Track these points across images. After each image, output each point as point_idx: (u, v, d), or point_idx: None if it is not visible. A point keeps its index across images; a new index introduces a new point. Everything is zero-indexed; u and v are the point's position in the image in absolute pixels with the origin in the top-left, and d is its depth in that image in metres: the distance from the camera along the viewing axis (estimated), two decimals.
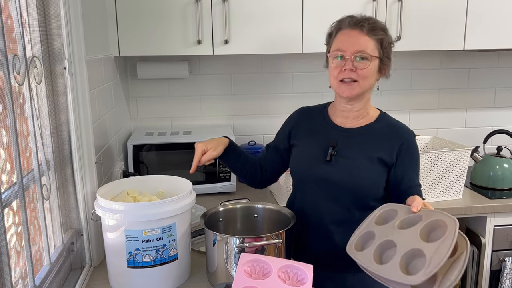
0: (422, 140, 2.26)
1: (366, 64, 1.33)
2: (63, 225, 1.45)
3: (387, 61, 1.39)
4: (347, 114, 1.43)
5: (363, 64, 1.33)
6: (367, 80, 1.35)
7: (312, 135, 1.48)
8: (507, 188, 2.15)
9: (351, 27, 1.35)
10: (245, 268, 1.17)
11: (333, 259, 1.39)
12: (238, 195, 2.16)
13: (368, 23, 1.34)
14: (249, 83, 2.49)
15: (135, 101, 2.44)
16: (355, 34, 1.34)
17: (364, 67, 1.33)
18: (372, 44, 1.34)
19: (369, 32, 1.33)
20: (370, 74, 1.35)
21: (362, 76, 1.34)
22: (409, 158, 1.39)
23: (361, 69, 1.33)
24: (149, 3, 1.97)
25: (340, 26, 1.39)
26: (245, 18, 2.02)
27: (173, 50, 2.02)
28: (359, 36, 1.34)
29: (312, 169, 1.42)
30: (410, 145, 1.40)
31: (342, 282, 1.42)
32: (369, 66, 1.34)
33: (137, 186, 1.51)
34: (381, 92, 2.59)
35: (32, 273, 1.13)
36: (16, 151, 1.06)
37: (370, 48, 1.33)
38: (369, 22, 1.34)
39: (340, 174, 1.37)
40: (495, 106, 2.69)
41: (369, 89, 1.40)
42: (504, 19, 2.17)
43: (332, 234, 1.40)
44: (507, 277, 2.05)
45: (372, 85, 1.40)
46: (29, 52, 1.29)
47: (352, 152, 1.38)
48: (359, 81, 1.35)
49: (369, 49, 1.33)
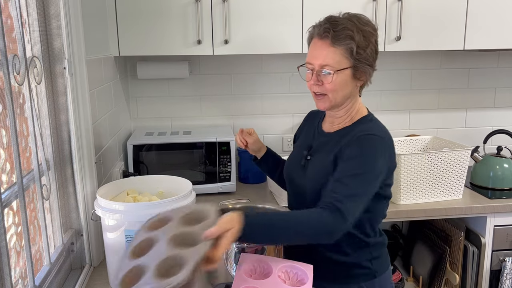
0: (422, 140, 2.26)
1: (329, 79, 1.26)
2: (63, 225, 1.45)
3: (365, 67, 1.28)
4: (332, 120, 1.40)
5: (327, 78, 1.26)
6: (336, 92, 1.28)
7: (304, 139, 1.50)
8: (507, 188, 2.15)
9: (318, 37, 1.28)
10: (245, 268, 1.17)
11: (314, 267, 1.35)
12: (238, 195, 2.16)
13: (333, 31, 1.24)
14: (249, 83, 2.49)
15: (135, 101, 2.44)
16: (320, 46, 1.27)
17: (327, 82, 1.27)
18: (338, 55, 1.25)
19: (333, 42, 1.24)
20: (339, 87, 1.27)
21: (329, 90, 1.28)
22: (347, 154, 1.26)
23: (327, 84, 1.27)
24: (149, 3, 1.97)
25: (312, 34, 1.32)
26: (245, 18, 2.02)
27: (173, 50, 2.02)
28: (323, 48, 1.26)
29: (290, 172, 1.46)
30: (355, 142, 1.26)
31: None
32: (334, 80, 1.26)
33: (137, 186, 1.51)
34: (381, 92, 2.61)
35: (32, 273, 1.13)
36: (16, 151, 1.06)
37: (335, 60, 1.25)
38: (334, 29, 1.24)
39: (307, 178, 1.36)
40: (495, 106, 2.69)
41: (348, 98, 1.32)
42: (504, 19, 2.17)
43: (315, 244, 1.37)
44: (507, 277, 2.05)
45: (347, 94, 1.31)
46: (29, 52, 1.29)
47: (321, 156, 1.35)
48: (328, 95, 1.29)
49: (334, 62, 1.25)
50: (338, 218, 1.16)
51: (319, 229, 1.15)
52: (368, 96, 2.56)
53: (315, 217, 1.16)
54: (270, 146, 2.50)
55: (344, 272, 1.36)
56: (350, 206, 1.18)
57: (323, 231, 1.15)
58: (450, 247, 2.13)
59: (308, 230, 1.15)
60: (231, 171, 2.18)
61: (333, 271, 1.36)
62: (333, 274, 1.36)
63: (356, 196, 1.20)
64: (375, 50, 1.31)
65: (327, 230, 1.15)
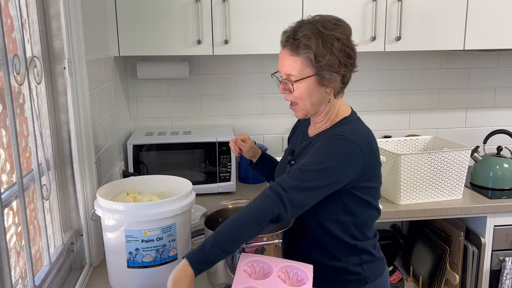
0: (422, 140, 2.26)
1: (295, 87, 1.25)
2: (63, 225, 1.45)
3: (329, 73, 1.23)
4: (314, 124, 1.39)
5: (292, 87, 1.26)
6: (303, 100, 1.27)
7: (290, 145, 1.51)
8: (507, 188, 2.15)
9: (281, 45, 1.28)
10: (245, 268, 1.17)
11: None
12: (238, 195, 2.16)
13: (292, 39, 1.23)
14: (249, 83, 2.49)
15: (135, 101, 2.44)
16: (283, 55, 1.27)
17: (290, 92, 1.27)
18: (299, 64, 1.23)
19: (292, 51, 1.23)
20: (306, 95, 1.26)
21: (296, 98, 1.27)
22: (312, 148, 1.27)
23: (293, 92, 1.26)
24: (149, 3, 1.97)
25: (280, 42, 1.31)
26: (245, 18, 2.02)
27: (173, 50, 2.02)
28: (285, 57, 1.26)
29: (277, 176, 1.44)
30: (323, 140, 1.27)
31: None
32: (300, 89, 1.25)
33: (137, 186, 1.51)
34: (381, 92, 2.61)
35: (32, 273, 1.13)
36: (16, 151, 1.06)
37: (297, 69, 1.23)
38: (294, 37, 1.23)
39: None
40: (495, 106, 2.69)
41: (318, 105, 1.29)
42: (504, 19, 2.17)
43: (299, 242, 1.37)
44: (507, 277, 2.05)
45: (320, 100, 1.28)
46: (29, 52, 1.29)
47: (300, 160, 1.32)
48: (298, 102, 1.28)
49: (295, 71, 1.24)
50: (278, 204, 1.16)
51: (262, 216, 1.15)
52: (368, 96, 2.57)
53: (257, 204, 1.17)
54: (270, 146, 2.53)
55: (333, 278, 1.33)
56: (293, 195, 1.17)
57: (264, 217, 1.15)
58: (450, 247, 2.13)
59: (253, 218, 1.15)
60: (231, 171, 2.18)
61: (322, 276, 1.31)
62: (323, 279, 1.32)
63: (302, 188, 1.18)
64: (346, 54, 1.24)
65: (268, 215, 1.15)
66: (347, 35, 1.26)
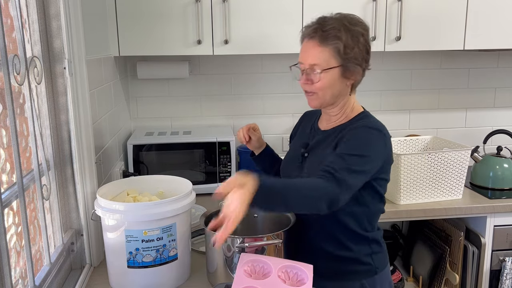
0: (422, 140, 2.26)
1: (317, 78, 1.29)
2: (63, 225, 1.45)
3: (353, 66, 1.29)
4: (328, 118, 1.42)
5: (316, 77, 1.30)
6: (324, 91, 1.31)
7: (299, 138, 1.52)
8: (507, 188, 2.15)
9: (307, 37, 1.31)
10: (245, 268, 1.17)
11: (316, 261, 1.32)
12: None
13: (321, 31, 1.27)
14: (249, 83, 2.49)
15: (135, 101, 2.44)
16: (310, 46, 1.30)
17: (316, 81, 1.30)
18: (327, 54, 1.27)
19: (321, 42, 1.27)
20: (328, 85, 1.30)
21: (318, 89, 1.31)
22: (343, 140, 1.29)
23: (316, 82, 1.30)
24: (149, 3, 1.97)
25: (303, 35, 1.34)
26: (245, 18, 2.02)
27: (173, 50, 2.02)
28: (312, 47, 1.29)
29: (288, 170, 1.46)
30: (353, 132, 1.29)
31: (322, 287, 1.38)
32: (324, 79, 1.29)
33: (137, 186, 1.51)
34: (381, 92, 2.61)
35: (32, 273, 1.13)
36: (16, 151, 1.06)
37: (324, 59, 1.28)
38: (322, 29, 1.27)
39: (305, 175, 1.37)
40: (495, 106, 2.69)
41: (338, 96, 1.34)
42: (504, 19, 2.17)
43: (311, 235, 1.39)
44: (507, 277, 2.05)
45: (339, 92, 1.33)
46: (29, 52, 1.29)
47: (318, 153, 1.38)
48: (317, 93, 1.32)
49: (322, 61, 1.28)
50: (335, 186, 1.17)
51: (320, 195, 1.16)
52: (368, 96, 2.57)
53: (316, 182, 1.17)
54: None
55: (345, 269, 1.37)
56: (346, 177, 1.19)
57: (322, 197, 1.16)
58: (450, 247, 2.13)
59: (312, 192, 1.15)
60: (231, 171, 2.18)
61: (335, 268, 1.37)
62: (334, 271, 1.37)
63: (352, 170, 1.21)
64: (366, 50, 1.32)
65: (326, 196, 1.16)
66: (368, 33, 1.34)
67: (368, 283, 1.37)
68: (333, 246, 1.37)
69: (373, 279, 1.38)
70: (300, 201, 1.16)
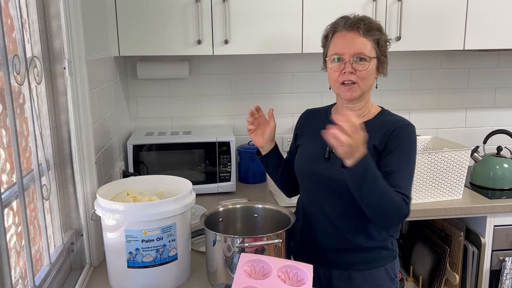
0: (422, 140, 2.26)
1: (365, 66, 1.35)
2: (63, 225, 1.45)
3: (384, 59, 1.40)
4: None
5: (362, 66, 1.34)
6: (366, 81, 1.37)
7: (314, 135, 1.49)
8: (507, 188, 2.15)
9: (347, 29, 1.36)
10: (245, 268, 1.17)
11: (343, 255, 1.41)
12: (238, 195, 2.16)
13: (364, 24, 1.34)
14: (249, 83, 2.49)
15: (135, 101, 2.44)
16: (352, 36, 1.35)
17: (363, 69, 1.35)
18: (369, 45, 1.35)
19: (365, 33, 1.34)
20: (369, 75, 1.37)
21: (361, 78, 1.35)
22: (395, 145, 1.35)
23: (360, 71, 1.34)
24: (149, 3, 1.97)
25: (336, 28, 1.39)
26: (245, 18, 2.02)
27: (173, 50, 2.02)
28: (355, 38, 1.34)
29: (312, 167, 1.44)
30: (401, 132, 1.36)
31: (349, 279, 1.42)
32: (368, 68, 1.35)
33: (137, 186, 1.51)
34: (381, 92, 2.61)
35: (32, 273, 1.13)
36: (16, 151, 1.06)
37: (368, 49, 1.35)
38: (364, 23, 1.35)
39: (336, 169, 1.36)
40: (495, 106, 2.69)
41: (369, 89, 1.41)
42: (504, 19, 2.17)
43: (339, 230, 1.41)
44: (507, 277, 2.05)
45: (372, 84, 1.41)
46: (29, 52, 1.29)
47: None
48: (359, 83, 1.36)
49: (367, 50, 1.34)
50: (406, 212, 1.29)
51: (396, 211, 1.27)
52: None
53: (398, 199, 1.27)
54: None
55: (373, 257, 1.41)
56: (410, 199, 1.32)
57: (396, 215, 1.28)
58: (450, 247, 2.13)
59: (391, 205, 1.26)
60: (231, 171, 2.18)
61: (363, 258, 1.41)
62: (362, 261, 1.41)
63: (411, 188, 1.34)
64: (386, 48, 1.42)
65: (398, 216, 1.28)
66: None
67: (390, 267, 1.43)
68: (361, 237, 1.40)
69: (393, 263, 1.44)
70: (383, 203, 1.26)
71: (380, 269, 1.41)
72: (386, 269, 1.42)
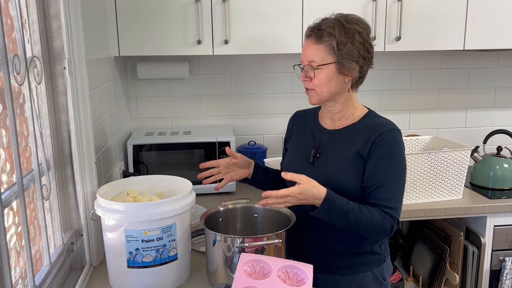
0: (422, 140, 2.26)
1: (315, 74, 1.34)
2: (63, 225, 1.45)
3: (348, 62, 1.31)
4: (332, 116, 1.44)
5: (313, 73, 1.35)
6: (322, 87, 1.35)
7: (301, 139, 1.52)
8: (507, 188, 2.15)
9: (306, 37, 1.39)
10: (245, 268, 1.17)
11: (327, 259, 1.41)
12: (238, 195, 2.16)
13: (317, 29, 1.33)
14: (249, 83, 2.49)
15: (135, 101, 2.44)
16: (307, 44, 1.37)
17: (314, 76, 1.35)
18: (322, 51, 1.32)
19: (316, 40, 1.34)
20: (325, 81, 1.34)
21: (315, 85, 1.35)
22: (378, 153, 1.32)
23: (313, 78, 1.35)
24: (149, 3, 1.97)
25: (304, 35, 1.42)
26: (245, 18, 2.02)
27: (173, 50, 2.02)
28: (309, 45, 1.36)
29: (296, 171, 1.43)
30: (386, 138, 1.33)
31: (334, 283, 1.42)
32: (319, 75, 1.34)
33: (137, 186, 1.51)
34: (382, 92, 2.61)
35: (32, 273, 1.13)
36: (16, 151, 1.06)
37: (319, 56, 1.33)
38: (318, 28, 1.33)
39: (322, 175, 1.36)
40: (495, 106, 2.69)
41: (337, 93, 1.37)
42: (504, 19, 2.17)
43: (325, 235, 1.40)
44: (507, 277, 2.05)
45: (337, 88, 1.36)
46: (29, 52, 1.29)
47: (333, 152, 1.39)
48: (315, 89, 1.36)
49: (318, 58, 1.33)
50: (392, 225, 1.31)
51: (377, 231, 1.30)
52: (368, 96, 2.57)
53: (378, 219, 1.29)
54: (270, 146, 2.53)
55: (358, 262, 1.40)
56: (399, 208, 1.34)
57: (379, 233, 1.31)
58: (450, 247, 2.13)
59: (370, 228, 1.29)
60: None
61: (347, 263, 1.41)
62: (347, 266, 1.40)
63: (400, 197, 1.35)
64: (365, 48, 1.34)
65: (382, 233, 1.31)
66: (367, 32, 1.36)
67: (378, 271, 1.42)
68: (345, 242, 1.39)
69: (381, 267, 1.43)
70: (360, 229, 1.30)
71: (366, 273, 1.40)
72: (373, 273, 1.41)
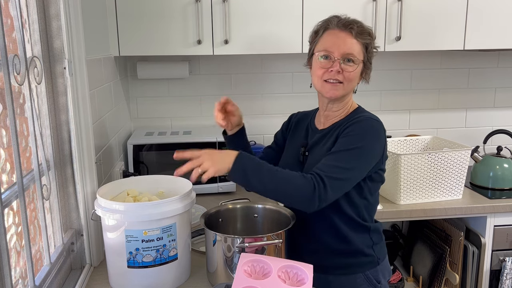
0: (422, 140, 2.26)
1: (353, 67, 1.34)
2: (63, 225, 1.45)
3: (369, 65, 1.39)
4: (328, 114, 1.44)
5: (350, 66, 1.33)
6: (351, 82, 1.36)
7: (295, 139, 1.53)
8: (507, 188, 2.15)
9: (340, 28, 1.34)
10: (245, 268, 1.17)
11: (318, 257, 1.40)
12: (238, 195, 2.16)
13: (357, 26, 1.34)
14: (249, 83, 2.49)
15: (135, 101, 2.44)
16: (344, 36, 1.33)
17: (351, 70, 1.33)
18: (359, 47, 1.34)
19: (357, 35, 1.33)
20: (355, 77, 1.36)
21: (347, 79, 1.34)
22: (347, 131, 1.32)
23: (348, 72, 1.33)
24: (149, 3, 1.97)
25: (328, 26, 1.37)
26: (245, 18, 2.02)
27: (173, 50, 2.02)
28: (347, 38, 1.33)
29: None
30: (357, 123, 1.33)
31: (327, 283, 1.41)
32: (356, 69, 1.34)
33: (137, 186, 1.51)
34: (381, 92, 2.61)
35: (32, 273, 1.13)
36: (16, 151, 1.06)
37: (357, 51, 1.33)
38: (357, 25, 1.34)
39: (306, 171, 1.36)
40: (495, 106, 2.69)
41: (351, 91, 1.40)
42: (504, 19, 2.17)
43: (313, 229, 1.41)
44: (507, 277, 2.05)
45: (354, 88, 1.40)
46: (29, 52, 1.29)
47: (319, 150, 1.40)
48: (344, 83, 1.35)
49: (356, 52, 1.33)
50: (320, 188, 1.21)
51: (299, 191, 1.21)
52: (368, 96, 2.57)
53: (299, 178, 1.22)
54: None
55: (349, 262, 1.39)
56: (336, 179, 1.23)
57: (302, 194, 1.21)
58: (450, 247, 2.13)
59: (290, 186, 1.21)
60: None
61: (338, 262, 1.40)
62: (338, 265, 1.40)
63: (345, 169, 1.25)
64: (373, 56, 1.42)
65: (306, 194, 1.21)
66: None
67: (371, 274, 1.40)
68: (335, 239, 1.38)
69: (375, 269, 1.41)
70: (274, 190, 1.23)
71: (358, 275, 1.39)
72: (366, 275, 1.39)
